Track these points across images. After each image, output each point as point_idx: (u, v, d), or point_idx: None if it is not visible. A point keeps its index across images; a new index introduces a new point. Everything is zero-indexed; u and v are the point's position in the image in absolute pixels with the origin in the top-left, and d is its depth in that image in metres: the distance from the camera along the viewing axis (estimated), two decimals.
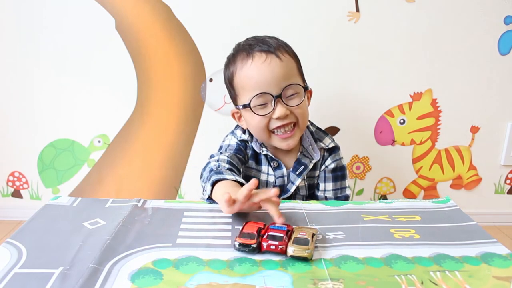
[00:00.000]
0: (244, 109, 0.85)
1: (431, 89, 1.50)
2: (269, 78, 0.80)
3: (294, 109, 0.83)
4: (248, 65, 0.82)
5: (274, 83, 0.80)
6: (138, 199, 0.68)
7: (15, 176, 1.56)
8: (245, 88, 0.83)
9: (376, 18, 1.42)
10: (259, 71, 0.81)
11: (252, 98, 0.81)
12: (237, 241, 0.52)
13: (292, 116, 0.83)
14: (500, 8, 1.43)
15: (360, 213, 0.65)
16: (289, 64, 0.84)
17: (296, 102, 0.83)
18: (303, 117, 0.85)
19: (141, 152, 1.52)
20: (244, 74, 0.83)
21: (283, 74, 0.81)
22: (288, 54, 0.85)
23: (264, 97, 0.81)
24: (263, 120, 0.83)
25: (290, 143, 0.86)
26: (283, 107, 0.81)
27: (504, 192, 1.65)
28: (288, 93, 0.82)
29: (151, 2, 1.38)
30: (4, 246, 0.52)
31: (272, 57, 0.81)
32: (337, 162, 0.94)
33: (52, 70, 1.44)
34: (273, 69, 0.80)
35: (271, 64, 0.81)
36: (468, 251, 0.54)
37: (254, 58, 0.82)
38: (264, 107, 0.82)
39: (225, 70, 0.91)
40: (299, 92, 0.83)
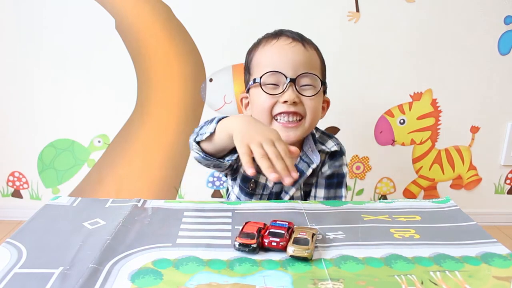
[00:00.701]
0: (253, 86, 0.80)
1: (431, 89, 1.50)
2: (288, 60, 0.76)
3: (305, 100, 0.77)
4: (272, 43, 0.79)
5: (291, 66, 0.76)
6: (138, 199, 0.68)
7: (15, 176, 1.56)
8: (261, 64, 0.79)
9: (376, 18, 1.42)
10: (280, 50, 0.77)
11: (265, 74, 0.77)
12: (237, 241, 0.52)
13: (301, 107, 0.77)
14: (500, 8, 1.43)
15: (360, 213, 0.65)
16: (313, 57, 0.80)
17: (309, 93, 0.77)
18: (313, 113, 0.79)
19: (141, 152, 1.52)
20: (264, 52, 0.80)
21: (304, 61, 0.77)
22: (315, 50, 0.82)
23: (277, 77, 0.76)
24: (268, 100, 0.77)
25: (291, 135, 0.78)
26: (293, 93, 0.76)
27: (504, 192, 1.65)
28: (303, 81, 0.77)
29: (151, 2, 1.38)
30: (4, 246, 0.52)
31: (297, 43, 0.79)
32: (335, 169, 0.87)
33: (52, 70, 1.44)
34: (295, 52, 0.77)
35: (294, 47, 0.77)
36: (468, 251, 0.54)
37: (279, 39, 0.79)
38: (274, 88, 0.77)
39: (247, 54, 0.86)
40: (315, 86, 0.78)
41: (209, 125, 0.67)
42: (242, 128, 0.61)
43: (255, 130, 0.60)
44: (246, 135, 0.59)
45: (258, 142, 0.57)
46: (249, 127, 0.61)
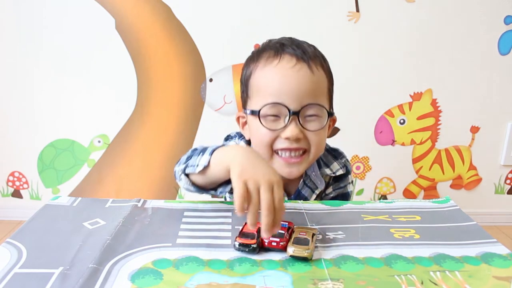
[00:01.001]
0: (251, 115, 0.71)
1: (431, 89, 1.50)
2: (292, 88, 0.66)
3: (310, 134, 0.68)
4: (273, 65, 0.68)
5: (296, 96, 0.66)
6: (138, 199, 0.67)
7: (15, 176, 1.56)
8: (260, 91, 0.70)
9: (376, 18, 1.42)
10: (282, 76, 0.67)
11: (265, 105, 0.67)
12: (237, 241, 0.52)
13: (305, 142, 0.69)
14: (500, 8, 1.43)
15: (360, 213, 0.65)
16: (320, 81, 0.70)
17: (314, 126, 0.68)
18: (318, 146, 0.70)
19: (141, 152, 1.52)
20: (264, 75, 0.69)
21: (310, 89, 0.67)
22: (322, 69, 0.71)
23: (278, 109, 0.67)
24: (269, 135, 0.69)
25: (294, 172, 0.70)
26: (296, 128, 0.67)
27: (504, 192, 1.65)
28: (308, 112, 0.68)
29: (151, 2, 1.39)
30: (4, 246, 0.52)
31: (303, 65, 0.68)
32: (339, 191, 0.81)
33: (52, 70, 1.44)
34: (300, 79, 0.67)
35: (299, 72, 0.67)
36: (468, 251, 0.54)
37: (282, 59, 0.68)
38: (276, 121, 0.68)
39: (244, 66, 0.76)
40: (321, 116, 0.69)
41: (201, 156, 0.61)
42: (242, 161, 0.55)
43: (256, 168, 0.54)
44: (245, 171, 0.53)
45: (256, 183, 0.52)
46: (249, 162, 0.55)
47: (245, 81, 0.75)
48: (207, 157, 0.59)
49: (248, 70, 0.73)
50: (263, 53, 0.71)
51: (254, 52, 0.75)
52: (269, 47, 0.72)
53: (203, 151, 0.62)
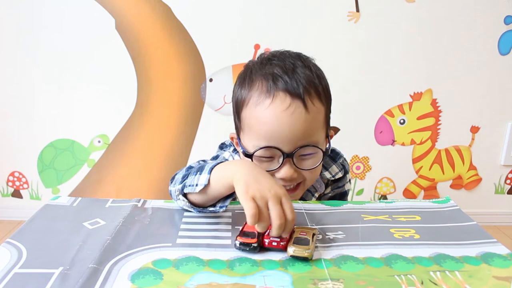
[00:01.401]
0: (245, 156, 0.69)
1: (431, 89, 1.50)
2: (285, 132, 0.64)
3: (304, 172, 0.68)
4: (265, 106, 0.65)
5: (289, 140, 0.65)
6: (138, 199, 0.67)
7: (15, 176, 1.56)
8: (253, 130, 0.67)
9: (376, 18, 1.42)
10: (275, 119, 0.64)
11: (258, 149, 0.66)
12: (238, 240, 0.52)
13: (299, 177, 0.69)
14: (500, 8, 1.43)
15: (360, 213, 0.65)
16: (316, 117, 0.67)
17: (309, 164, 0.68)
18: (312, 179, 0.71)
19: (141, 152, 1.52)
20: (256, 115, 0.66)
21: (304, 130, 0.65)
22: (319, 100, 0.67)
23: (272, 152, 0.66)
24: None
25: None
26: (290, 169, 0.66)
27: (504, 192, 1.65)
28: (303, 151, 0.67)
29: (151, 2, 1.39)
30: (4, 246, 0.52)
31: (297, 104, 0.64)
32: (337, 190, 0.82)
33: (52, 70, 1.44)
34: (294, 122, 0.64)
35: (293, 115, 0.64)
36: (468, 251, 0.54)
37: (275, 99, 0.64)
38: (270, 161, 0.67)
39: (236, 86, 0.73)
40: (316, 153, 0.68)
41: (198, 175, 0.59)
42: (244, 177, 0.54)
43: (260, 183, 0.53)
44: (250, 187, 0.52)
45: (264, 199, 0.51)
46: (253, 177, 0.54)
47: (236, 107, 0.73)
48: (206, 176, 0.58)
49: (240, 96, 0.70)
50: (255, 83, 0.68)
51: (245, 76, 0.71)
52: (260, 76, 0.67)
53: (200, 169, 0.60)
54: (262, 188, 0.53)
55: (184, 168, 0.67)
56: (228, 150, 0.80)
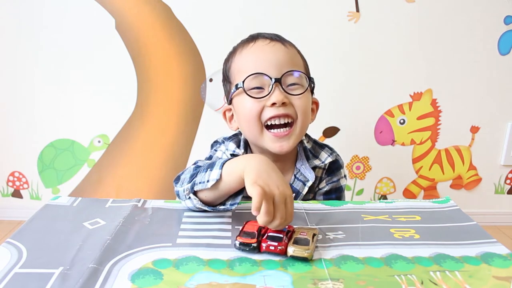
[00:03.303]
0: (236, 94, 0.73)
1: (431, 89, 1.50)
2: (270, 59, 0.70)
3: (294, 100, 0.71)
4: (249, 47, 0.73)
5: (274, 65, 0.70)
6: (138, 199, 0.68)
7: (15, 176, 1.56)
8: (241, 70, 0.72)
9: (376, 18, 1.42)
10: (259, 51, 0.72)
11: (247, 77, 0.70)
12: (238, 240, 0.52)
13: (291, 108, 0.71)
14: (500, 8, 1.43)
15: (360, 213, 0.65)
16: (295, 56, 0.74)
17: (297, 91, 0.71)
18: (304, 114, 0.72)
19: (141, 152, 1.52)
20: (242, 56, 0.74)
21: (287, 59, 0.71)
22: (296, 50, 0.76)
23: (260, 79, 0.70)
24: (255, 106, 0.70)
25: (284, 145, 0.72)
26: (281, 93, 0.69)
27: (504, 192, 1.65)
28: (289, 80, 0.71)
29: (151, 2, 1.39)
30: (4, 246, 0.52)
31: (277, 42, 0.73)
32: (332, 184, 0.82)
33: (52, 70, 1.44)
34: (276, 51, 0.71)
35: (274, 46, 0.72)
36: (468, 251, 0.54)
37: (256, 41, 0.73)
38: (260, 92, 0.70)
39: (224, 63, 0.80)
40: (302, 85, 0.72)
41: (209, 171, 0.60)
42: (256, 168, 0.55)
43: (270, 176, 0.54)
44: (260, 177, 0.53)
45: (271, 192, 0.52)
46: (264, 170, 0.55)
47: (226, 73, 0.78)
48: (217, 171, 0.58)
49: (228, 64, 0.78)
50: (238, 45, 0.77)
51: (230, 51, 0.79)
52: (243, 40, 0.78)
53: (211, 166, 0.60)
54: (271, 182, 0.54)
55: (191, 167, 0.67)
56: (220, 149, 0.82)
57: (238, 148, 0.79)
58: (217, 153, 0.82)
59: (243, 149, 0.79)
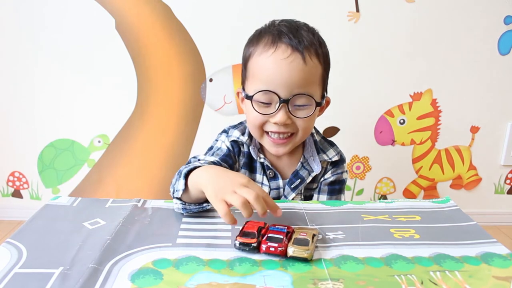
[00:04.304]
0: (246, 99, 0.77)
1: (431, 89, 1.50)
2: (283, 78, 0.71)
3: (297, 121, 0.74)
4: (268, 54, 0.72)
5: (286, 86, 0.71)
6: (138, 199, 0.68)
7: (15, 176, 1.56)
8: (255, 77, 0.74)
9: (376, 18, 1.42)
10: (275, 66, 0.71)
11: (257, 92, 0.72)
12: (238, 240, 0.52)
13: (293, 126, 0.75)
14: (500, 8, 1.43)
15: (360, 213, 0.65)
16: (313, 70, 0.73)
17: (302, 114, 0.73)
18: (305, 131, 0.77)
19: (141, 152, 1.52)
20: (259, 62, 0.74)
21: (300, 80, 0.71)
22: (317, 58, 0.74)
23: (270, 96, 0.72)
24: (260, 119, 0.75)
25: (280, 151, 0.77)
26: (285, 115, 0.72)
27: (504, 192, 1.65)
28: (298, 102, 0.72)
29: (151, 2, 1.39)
30: (4, 246, 0.52)
31: (296, 56, 0.71)
32: (337, 176, 0.86)
33: (52, 70, 1.44)
34: (292, 70, 0.71)
35: (292, 63, 0.71)
36: (468, 251, 0.54)
37: (277, 50, 0.72)
38: (267, 106, 0.74)
39: (246, 45, 0.80)
40: (310, 105, 0.73)
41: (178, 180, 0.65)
42: (212, 182, 0.59)
43: (224, 181, 0.59)
44: (218, 190, 0.57)
45: (231, 192, 0.56)
46: (218, 180, 0.59)
47: (244, 61, 0.80)
48: (182, 181, 0.63)
49: (248, 52, 0.78)
50: (261, 38, 0.75)
51: (255, 34, 0.78)
52: (268, 32, 0.75)
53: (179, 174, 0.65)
54: (226, 184, 0.58)
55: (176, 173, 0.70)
56: (220, 139, 0.85)
57: (243, 136, 0.82)
58: (217, 143, 0.85)
59: (247, 136, 0.82)
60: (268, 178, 0.83)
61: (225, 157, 0.80)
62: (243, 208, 0.54)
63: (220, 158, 0.79)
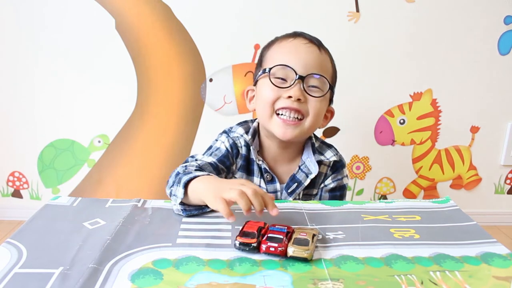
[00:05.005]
0: (261, 77, 0.79)
1: (431, 89, 1.50)
2: (301, 58, 0.76)
3: (310, 100, 0.76)
4: (288, 41, 0.79)
5: (303, 64, 0.75)
6: (138, 199, 0.68)
7: (15, 176, 1.56)
8: (273, 58, 0.78)
9: (376, 18, 1.42)
10: (294, 47, 0.77)
11: (275, 65, 0.76)
12: (238, 240, 0.52)
13: (304, 105, 0.76)
14: (500, 8, 1.43)
15: (360, 213, 0.65)
16: (326, 62, 0.80)
17: (316, 94, 0.76)
18: (316, 115, 0.77)
19: (141, 152, 1.52)
20: (279, 47, 0.80)
21: (317, 62, 0.77)
22: (329, 58, 0.81)
23: (286, 72, 0.75)
24: (273, 94, 0.76)
25: (288, 133, 0.76)
26: (300, 90, 0.74)
27: (504, 192, 1.65)
28: (312, 82, 0.76)
29: (151, 2, 1.38)
30: (4, 246, 0.52)
31: (313, 45, 0.78)
32: (338, 182, 0.86)
33: (52, 70, 1.44)
34: (309, 52, 0.77)
35: (310, 48, 0.77)
36: (468, 251, 0.54)
37: (296, 38, 0.79)
38: (282, 83, 0.76)
39: (262, 50, 0.85)
40: (323, 90, 0.77)
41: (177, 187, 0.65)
42: (209, 188, 0.60)
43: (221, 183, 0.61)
44: (215, 191, 0.58)
45: (229, 189, 0.57)
46: (216, 184, 0.61)
47: (261, 58, 0.84)
48: (181, 190, 0.63)
49: (265, 50, 0.83)
50: (280, 36, 0.82)
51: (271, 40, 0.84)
52: (286, 34, 0.82)
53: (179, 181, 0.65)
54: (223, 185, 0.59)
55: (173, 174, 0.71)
56: (220, 139, 0.85)
57: (246, 134, 0.83)
58: (216, 143, 0.85)
59: (250, 135, 0.83)
60: (265, 181, 0.83)
61: (223, 158, 0.80)
62: (240, 198, 0.55)
63: (217, 159, 0.79)
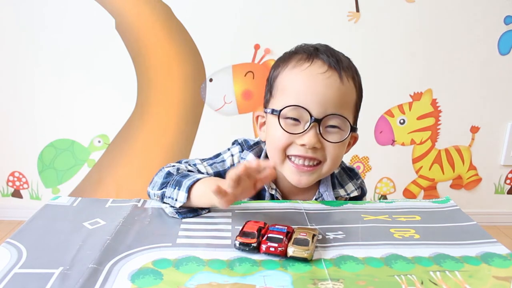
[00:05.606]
0: (271, 114, 0.67)
1: (431, 89, 1.50)
2: (318, 94, 0.63)
3: (328, 146, 0.65)
4: (303, 68, 0.65)
5: (320, 103, 0.63)
6: (138, 199, 0.67)
7: (15, 176, 1.56)
8: (285, 91, 0.66)
9: (376, 18, 1.42)
10: (310, 80, 0.64)
11: (286, 106, 0.64)
12: (238, 240, 0.52)
13: (321, 153, 0.65)
14: (500, 8, 1.43)
15: (360, 213, 0.65)
16: (349, 92, 0.67)
17: (334, 138, 0.65)
18: (334, 160, 0.67)
19: (141, 152, 1.52)
20: (292, 76, 0.66)
21: (336, 98, 0.64)
22: (353, 82, 0.68)
23: (300, 113, 0.64)
24: (284, 139, 0.65)
25: (303, 180, 0.67)
26: (315, 137, 0.63)
27: (504, 192, 1.65)
28: (331, 123, 0.64)
29: (151, 2, 1.39)
30: (4, 246, 0.52)
31: (334, 73, 0.65)
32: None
33: (52, 70, 1.44)
34: (328, 87, 0.63)
35: (329, 79, 0.64)
36: (468, 251, 0.54)
37: (313, 63, 0.65)
38: (295, 125, 0.65)
39: (274, 66, 0.72)
40: (343, 130, 0.65)
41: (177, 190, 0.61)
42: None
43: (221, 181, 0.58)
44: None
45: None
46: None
47: (271, 80, 0.71)
48: (184, 194, 0.60)
49: (277, 70, 0.70)
50: (295, 55, 0.68)
51: (286, 53, 0.71)
52: (302, 49, 0.69)
53: (178, 185, 0.61)
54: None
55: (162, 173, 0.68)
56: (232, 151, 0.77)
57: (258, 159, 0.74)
58: (225, 154, 0.77)
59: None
60: None
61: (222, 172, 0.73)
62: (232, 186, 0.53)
63: (215, 171, 0.73)
